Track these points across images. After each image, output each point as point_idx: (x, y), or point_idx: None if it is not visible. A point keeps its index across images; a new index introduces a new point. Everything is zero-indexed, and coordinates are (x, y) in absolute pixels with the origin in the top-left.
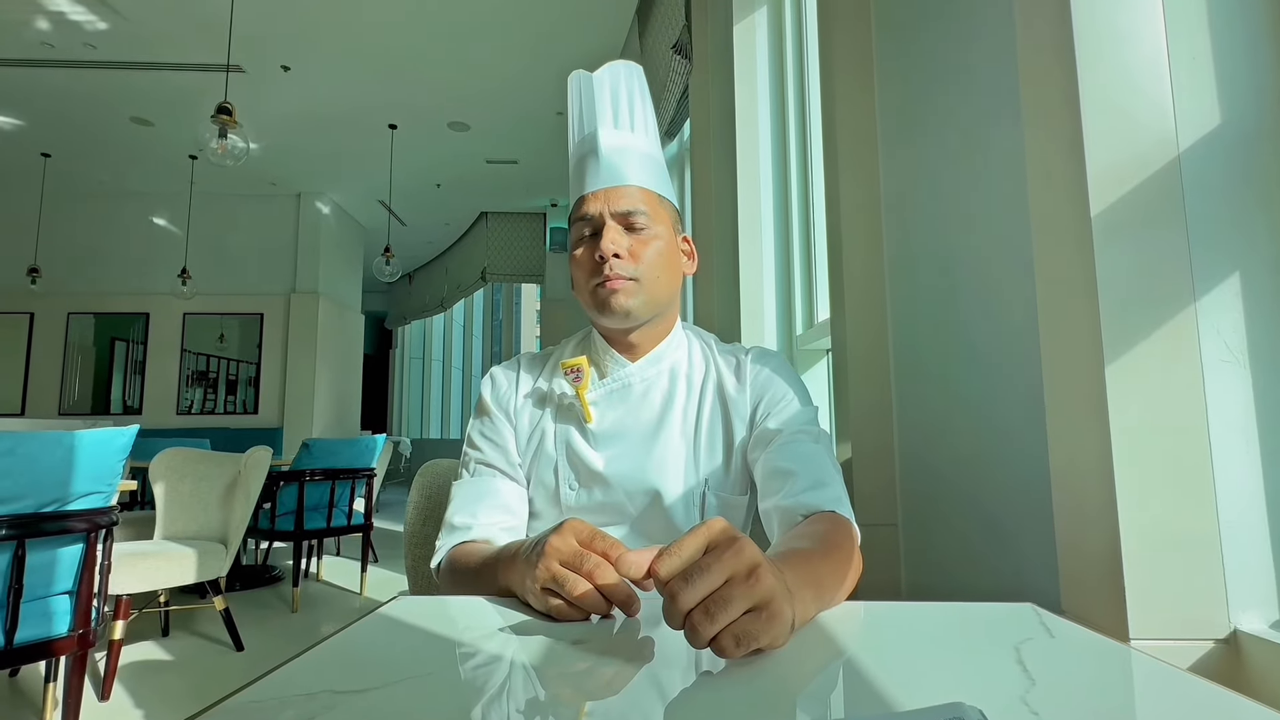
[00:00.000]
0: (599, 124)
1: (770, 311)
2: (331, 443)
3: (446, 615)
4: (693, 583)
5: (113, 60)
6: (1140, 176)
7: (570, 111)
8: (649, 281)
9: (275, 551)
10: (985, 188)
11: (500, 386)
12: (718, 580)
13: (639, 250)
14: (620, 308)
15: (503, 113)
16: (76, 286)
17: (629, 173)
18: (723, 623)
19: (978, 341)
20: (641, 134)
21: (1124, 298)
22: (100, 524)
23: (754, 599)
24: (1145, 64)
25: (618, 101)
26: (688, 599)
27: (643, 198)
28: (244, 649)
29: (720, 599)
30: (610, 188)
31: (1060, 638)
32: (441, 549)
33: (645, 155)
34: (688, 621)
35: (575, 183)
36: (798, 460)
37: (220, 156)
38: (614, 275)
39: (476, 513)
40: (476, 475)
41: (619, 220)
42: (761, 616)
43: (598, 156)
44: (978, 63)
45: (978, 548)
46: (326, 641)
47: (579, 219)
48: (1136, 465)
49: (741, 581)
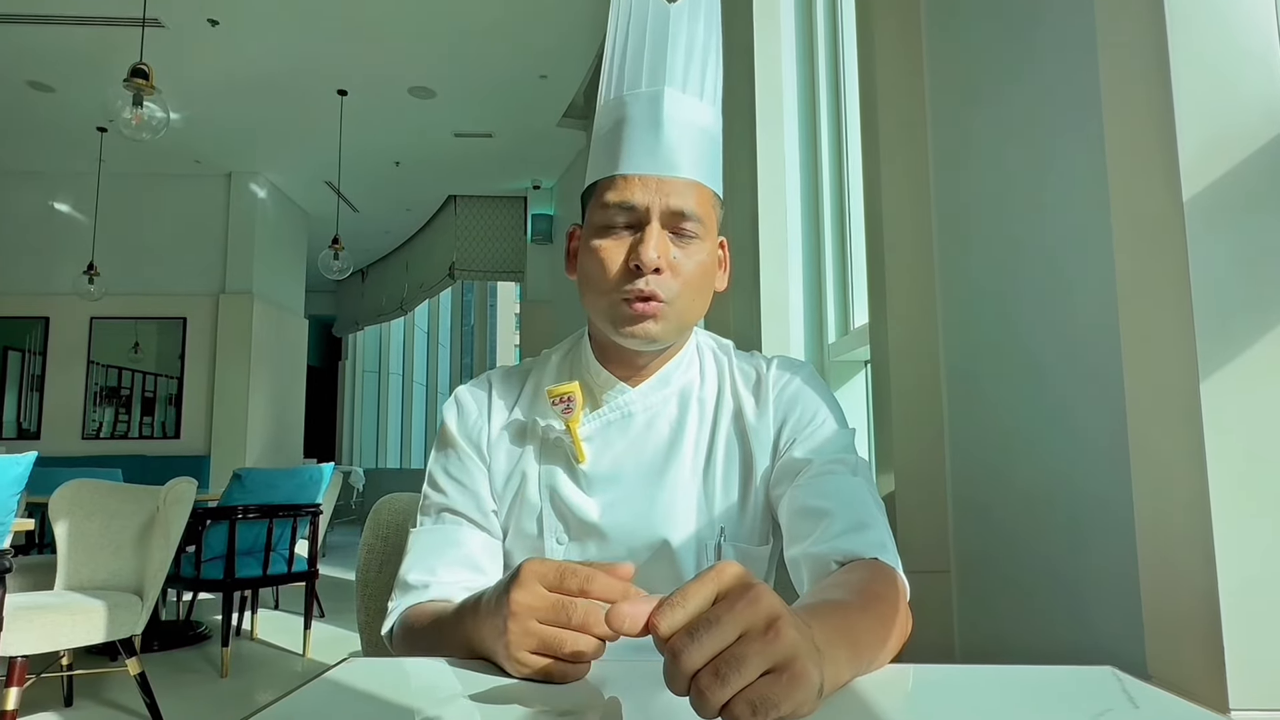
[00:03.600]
0: (666, 81)
1: (797, 315)
2: (269, 473)
3: (405, 680)
4: (699, 639)
5: (5, 13)
6: (1243, 153)
7: (616, 44)
8: (683, 305)
9: (201, 604)
10: (1055, 169)
11: (469, 414)
12: (730, 635)
13: (682, 265)
14: (645, 334)
15: (475, 76)
16: None
17: (691, 161)
18: (736, 686)
19: (1046, 352)
20: (710, 104)
21: (1223, 299)
22: None
23: (773, 658)
24: (1249, 20)
25: (692, 52)
26: (694, 659)
27: (699, 197)
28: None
29: (732, 658)
30: (666, 177)
31: (1146, 708)
32: (394, 611)
33: (710, 137)
34: (694, 685)
35: (611, 149)
36: (832, 497)
37: (135, 128)
38: (649, 293)
39: (435, 568)
40: (438, 523)
41: (667, 221)
42: (782, 679)
43: (658, 129)
44: (1047, 22)
45: (1046, 600)
46: (263, 712)
47: (614, 204)
48: (1238, 501)
49: (758, 637)
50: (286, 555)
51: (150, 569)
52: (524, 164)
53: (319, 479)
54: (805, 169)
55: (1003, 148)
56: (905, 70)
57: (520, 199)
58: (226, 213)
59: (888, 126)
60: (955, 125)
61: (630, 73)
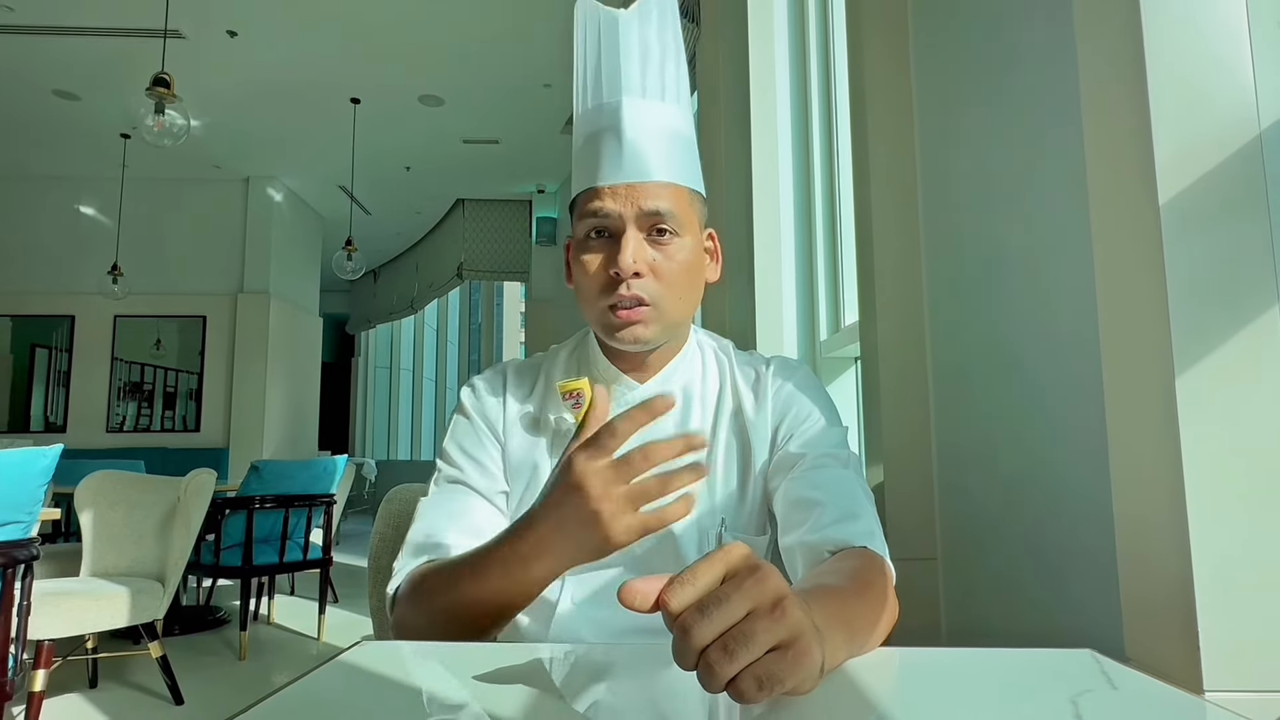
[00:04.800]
0: (623, 91)
1: (790, 314)
2: (285, 465)
3: (418, 663)
4: (709, 615)
5: (32, 24)
6: (1216, 160)
7: (579, 59)
8: (670, 304)
9: (220, 590)
10: (1037, 172)
11: (485, 400)
12: (739, 612)
13: (662, 266)
14: (634, 338)
15: (482, 85)
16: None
17: (659, 164)
18: (744, 661)
19: (1029, 347)
20: (673, 103)
21: (1197, 298)
22: (18, 559)
23: (779, 635)
24: (1222, 31)
25: (647, 58)
26: (703, 634)
27: (673, 196)
28: (184, 702)
29: (740, 634)
30: (635, 184)
31: (1124, 689)
32: (400, 571)
33: (677, 136)
34: (702, 660)
35: (586, 163)
36: (825, 489)
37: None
38: (631, 298)
39: (445, 531)
40: (448, 492)
41: (643, 224)
42: (788, 656)
43: (620, 139)
44: (1029, 30)
45: (1029, 585)
46: (279, 693)
47: (590, 214)
48: (1212, 491)
49: (765, 614)
50: (302, 543)
51: (171, 556)
52: (529, 169)
53: (333, 470)
54: (798, 172)
55: (986, 152)
56: (893, 75)
57: (525, 202)
58: (244, 215)
59: (876, 131)
60: (941, 130)
61: (593, 86)
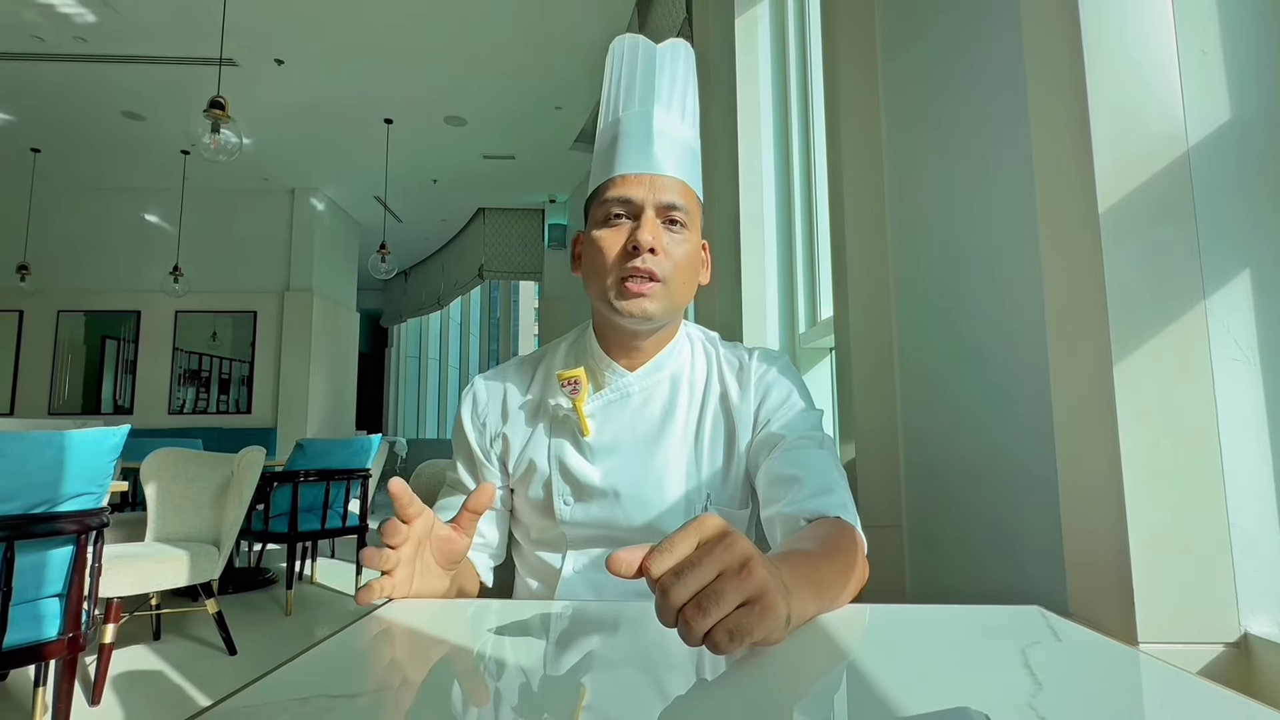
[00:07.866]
0: (655, 101)
1: (773, 309)
2: (326, 443)
3: (441, 618)
4: (684, 578)
5: (103, 54)
6: (1149, 173)
7: (613, 78)
8: (675, 285)
9: (269, 554)
10: (991, 183)
11: (481, 406)
12: (709, 575)
13: (673, 249)
14: (641, 311)
15: (500, 107)
16: (67, 284)
17: (677, 164)
18: (715, 617)
19: (984, 339)
20: (690, 124)
21: (1132, 296)
22: (91, 525)
23: (746, 592)
24: (1154, 59)
25: (674, 83)
26: (680, 594)
27: (685, 194)
28: (237, 653)
29: (712, 593)
30: (657, 175)
31: (1067, 641)
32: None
33: (691, 150)
34: (680, 617)
35: (610, 158)
36: (802, 466)
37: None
38: (645, 271)
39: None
40: (452, 494)
41: (661, 212)
42: (755, 610)
43: (649, 137)
44: (984, 57)
45: (984, 550)
46: (321, 645)
47: (613, 199)
48: (1145, 466)
49: (733, 575)
50: (341, 512)
51: (226, 523)
52: (541, 181)
53: (369, 448)
54: (780, 184)
55: (946, 165)
56: (863, 98)
57: (539, 211)
58: (290, 222)
59: (849, 147)
60: (906, 145)
61: (625, 97)
